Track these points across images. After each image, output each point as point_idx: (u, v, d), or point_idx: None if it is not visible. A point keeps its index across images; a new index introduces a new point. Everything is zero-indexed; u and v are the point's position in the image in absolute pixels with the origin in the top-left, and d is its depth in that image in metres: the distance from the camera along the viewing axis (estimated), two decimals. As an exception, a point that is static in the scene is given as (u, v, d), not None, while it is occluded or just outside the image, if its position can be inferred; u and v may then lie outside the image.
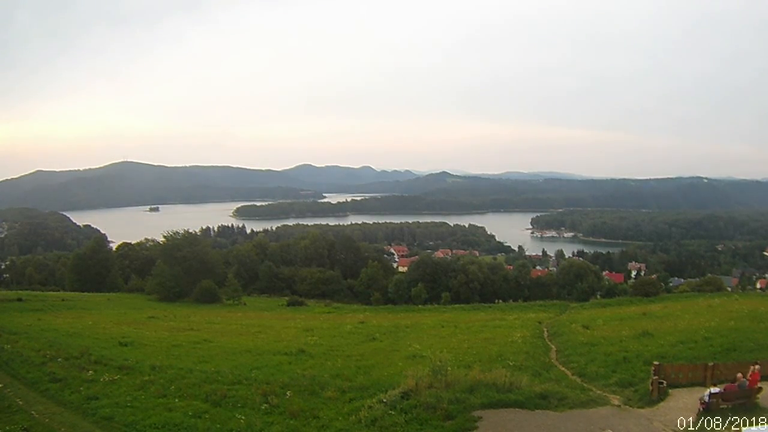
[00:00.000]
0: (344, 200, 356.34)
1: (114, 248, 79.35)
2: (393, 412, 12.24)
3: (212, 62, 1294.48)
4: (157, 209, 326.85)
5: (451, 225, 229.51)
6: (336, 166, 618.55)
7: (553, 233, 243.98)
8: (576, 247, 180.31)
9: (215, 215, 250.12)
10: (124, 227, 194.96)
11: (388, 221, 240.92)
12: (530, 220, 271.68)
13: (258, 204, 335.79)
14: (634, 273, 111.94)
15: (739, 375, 13.22)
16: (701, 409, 12.44)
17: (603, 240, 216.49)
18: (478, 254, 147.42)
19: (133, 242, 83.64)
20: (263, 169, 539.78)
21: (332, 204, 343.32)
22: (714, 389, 12.65)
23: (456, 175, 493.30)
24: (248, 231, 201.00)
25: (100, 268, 62.59)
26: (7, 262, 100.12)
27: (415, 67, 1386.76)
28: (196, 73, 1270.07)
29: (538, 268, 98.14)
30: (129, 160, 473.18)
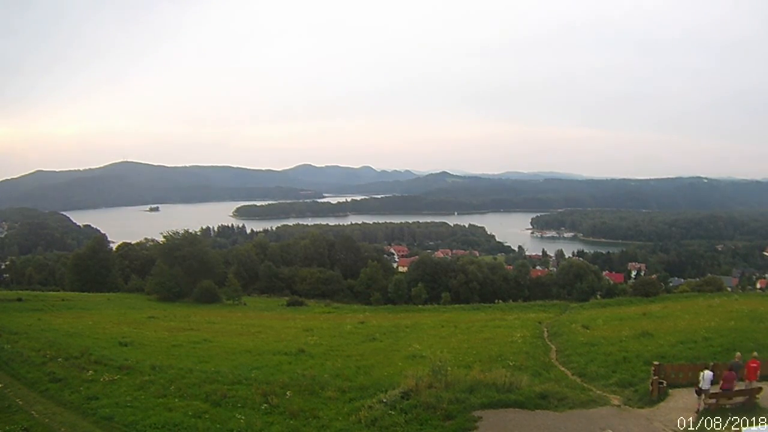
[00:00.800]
0: (344, 200, 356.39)
1: (114, 248, 79.28)
2: (393, 412, 12.25)
3: (213, 62, 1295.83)
4: (157, 209, 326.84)
5: (451, 225, 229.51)
6: (336, 166, 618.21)
7: (553, 233, 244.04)
8: (576, 247, 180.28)
9: (215, 215, 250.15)
10: (124, 227, 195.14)
11: (388, 221, 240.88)
12: (530, 220, 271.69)
13: (258, 204, 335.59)
14: (634, 273, 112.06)
15: (738, 354, 13.40)
16: (699, 408, 12.48)
17: (603, 240, 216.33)
18: (478, 254, 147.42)
19: (133, 242, 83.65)
20: (263, 169, 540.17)
21: (332, 204, 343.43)
22: (708, 372, 12.68)
23: (456, 175, 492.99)
24: (248, 231, 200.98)
25: (100, 268, 62.43)
26: (7, 262, 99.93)
27: (417, 67, 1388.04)
28: (197, 72, 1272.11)
29: (538, 268, 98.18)
30: (129, 160, 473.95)
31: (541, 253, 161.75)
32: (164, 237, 62.80)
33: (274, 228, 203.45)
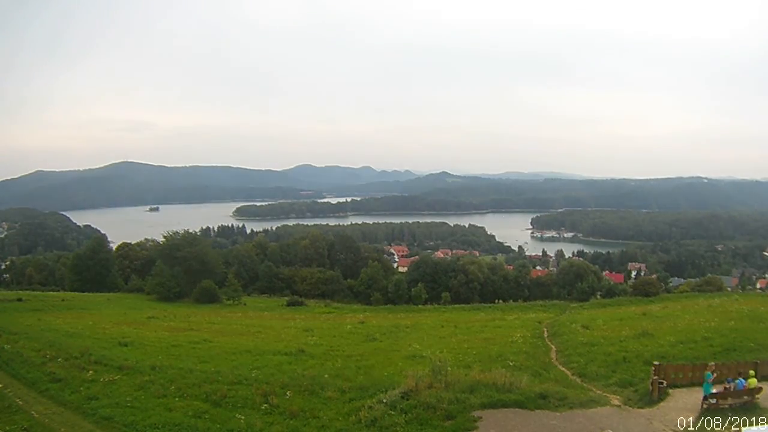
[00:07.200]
0: (344, 200, 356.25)
1: (114, 248, 79.25)
2: (393, 412, 12.25)
3: (211, 62, 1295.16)
4: (157, 209, 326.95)
5: (451, 225, 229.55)
6: (336, 166, 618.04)
7: (553, 233, 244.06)
8: (576, 247, 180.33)
9: (215, 215, 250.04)
10: (124, 227, 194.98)
11: (388, 221, 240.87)
12: (530, 220, 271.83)
13: (258, 204, 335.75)
14: (634, 273, 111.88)
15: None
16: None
17: (603, 240, 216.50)
18: (478, 254, 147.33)
19: (133, 242, 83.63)
20: (263, 169, 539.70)
21: (332, 204, 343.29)
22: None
23: (456, 175, 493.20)
24: (248, 231, 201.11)
25: (100, 268, 62.46)
26: (7, 262, 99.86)
27: (416, 66, 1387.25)
28: (196, 72, 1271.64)
29: (538, 268, 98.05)
30: (129, 160, 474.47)
31: (541, 254, 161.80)
32: (164, 237, 62.79)
33: (274, 228, 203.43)
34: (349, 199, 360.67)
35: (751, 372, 13.88)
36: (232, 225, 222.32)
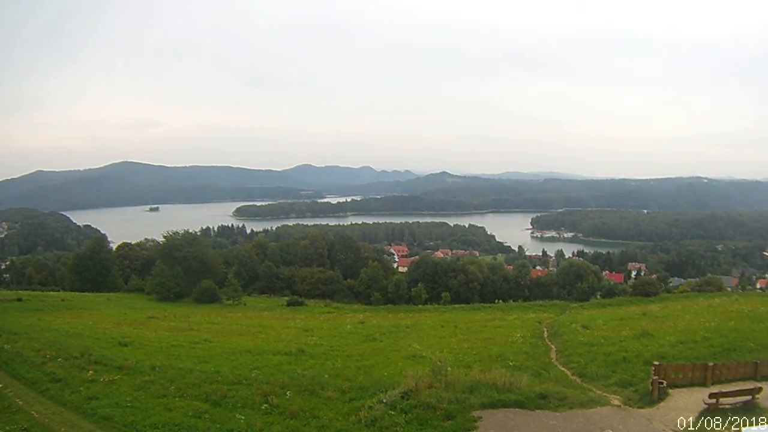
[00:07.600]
0: (344, 200, 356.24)
1: (114, 248, 79.25)
2: (393, 412, 12.23)
3: (211, 61, 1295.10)
4: (157, 209, 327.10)
5: (451, 225, 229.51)
6: (336, 166, 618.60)
7: (553, 233, 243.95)
8: (576, 247, 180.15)
9: (215, 215, 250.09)
10: (124, 227, 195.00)
11: (388, 221, 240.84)
12: (530, 220, 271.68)
13: (258, 204, 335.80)
14: (634, 273, 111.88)
15: None
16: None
17: (603, 240, 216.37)
18: (478, 254, 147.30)
19: (133, 242, 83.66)
20: (263, 169, 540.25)
21: (332, 204, 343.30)
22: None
23: (456, 175, 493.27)
24: (248, 231, 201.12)
25: (100, 268, 62.47)
26: (7, 262, 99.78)
27: (416, 66, 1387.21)
28: (196, 72, 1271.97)
29: (538, 268, 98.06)
30: (129, 160, 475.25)
31: (541, 254, 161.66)
32: (164, 237, 62.83)
33: (274, 228, 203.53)
34: (349, 199, 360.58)
35: None
36: (232, 225, 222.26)
